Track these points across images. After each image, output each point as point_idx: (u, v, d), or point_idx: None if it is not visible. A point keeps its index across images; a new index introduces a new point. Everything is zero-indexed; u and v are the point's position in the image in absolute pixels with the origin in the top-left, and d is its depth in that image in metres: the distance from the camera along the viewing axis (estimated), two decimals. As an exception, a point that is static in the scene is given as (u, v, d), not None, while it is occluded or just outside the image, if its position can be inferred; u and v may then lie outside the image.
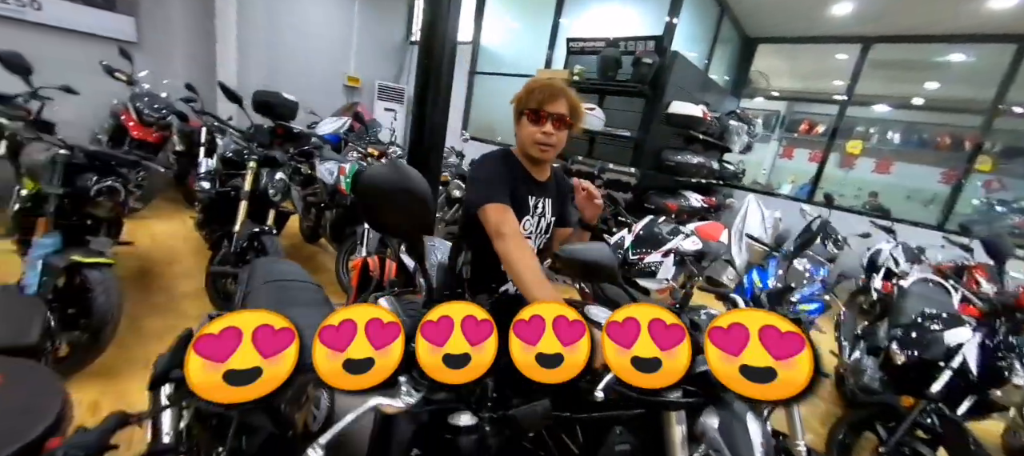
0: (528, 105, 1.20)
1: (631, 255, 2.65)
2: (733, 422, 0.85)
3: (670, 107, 4.21)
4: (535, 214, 1.30)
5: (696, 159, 4.38)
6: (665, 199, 4.34)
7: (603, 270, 0.71)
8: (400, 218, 0.47)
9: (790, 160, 10.52)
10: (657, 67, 4.04)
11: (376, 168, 0.47)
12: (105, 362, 1.83)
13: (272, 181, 2.60)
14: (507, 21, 6.18)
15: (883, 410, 1.99)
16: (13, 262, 1.98)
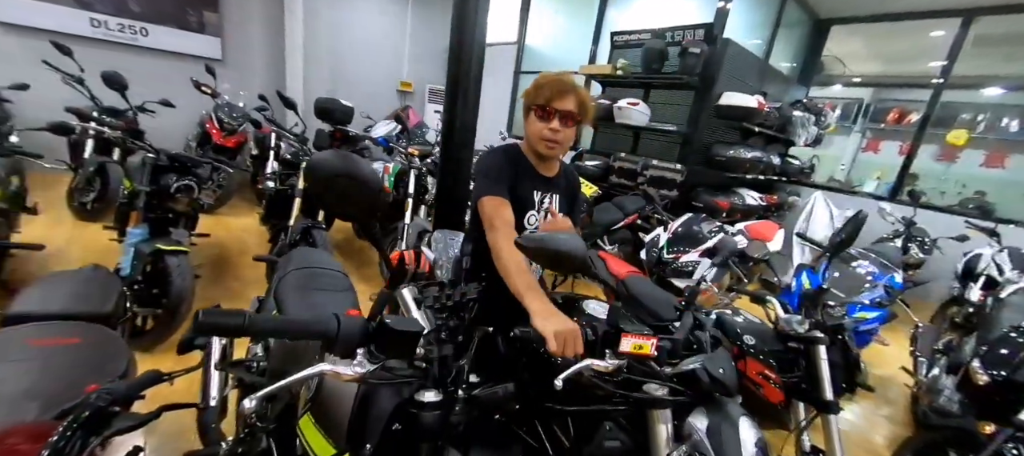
0: (536, 101, 1.20)
1: (666, 254, 2.54)
2: (722, 425, 0.81)
3: (721, 99, 3.95)
4: (541, 210, 1.31)
5: (750, 153, 4.06)
6: (715, 197, 4.07)
7: (571, 260, 0.71)
8: (344, 201, 0.52)
9: (876, 154, 9.34)
10: (706, 56, 3.81)
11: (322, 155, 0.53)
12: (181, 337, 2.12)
13: (322, 180, 2.84)
14: (552, 19, 6.15)
15: (958, 436, 1.74)
16: (116, 249, 2.36)
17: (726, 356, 0.89)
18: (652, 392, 0.85)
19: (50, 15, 4.39)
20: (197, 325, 0.48)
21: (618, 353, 0.78)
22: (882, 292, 2.06)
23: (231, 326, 0.49)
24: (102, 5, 4.66)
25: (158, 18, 4.99)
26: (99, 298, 1.20)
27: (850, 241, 1.40)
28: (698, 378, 0.84)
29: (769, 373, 1.45)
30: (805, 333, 1.45)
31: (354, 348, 0.60)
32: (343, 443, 0.77)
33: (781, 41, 5.24)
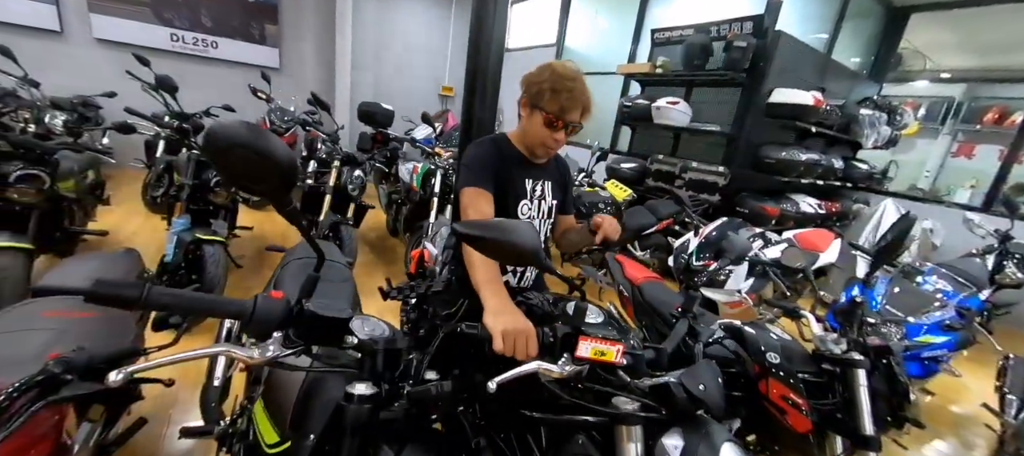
0: (548, 107, 1.10)
1: (695, 261, 2.35)
2: (700, 448, 0.70)
3: (772, 96, 3.63)
4: (534, 198, 1.24)
5: (805, 156, 3.69)
6: (764, 202, 3.74)
7: (517, 251, 0.63)
8: (244, 175, 0.49)
9: (969, 159, 8.16)
10: (754, 51, 3.52)
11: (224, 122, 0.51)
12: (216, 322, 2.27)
13: (351, 178, 2.95)
14: (591, 19, 6.02)
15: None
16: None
17: (711, 371, 0.77)
18: (621, 406, 0.76)
19: (138, 32, 4.98)
20: (87, 295, 0.48)
21: (576, 358, 0.70)
22: (953, 313, 1.75)
23: (125, 298, 0.49)
24: (180, 22, 5.21)
25: (227, 32, 5.50)
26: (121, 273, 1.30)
27: (897, 247, 1.19)
28: (673, 394, 0.74)
29: (795, 398, 1.27)
30: (841, 355, 1.26)
31: (271, 331, 0.58)
32: (288, 431, 0.75)
33: (847, 34, 4.74)
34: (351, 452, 0.64)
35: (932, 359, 1.70)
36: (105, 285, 0.49)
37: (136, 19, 4.96)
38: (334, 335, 0.62)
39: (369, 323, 0.74)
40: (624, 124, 4.98)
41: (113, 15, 4.85)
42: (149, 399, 1.75)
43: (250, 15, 5.60)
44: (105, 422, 1.16)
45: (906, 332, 1.72)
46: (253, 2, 5.55)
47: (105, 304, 0.49)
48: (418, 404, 0.68)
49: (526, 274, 1.31)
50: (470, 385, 0.69)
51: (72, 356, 0.71)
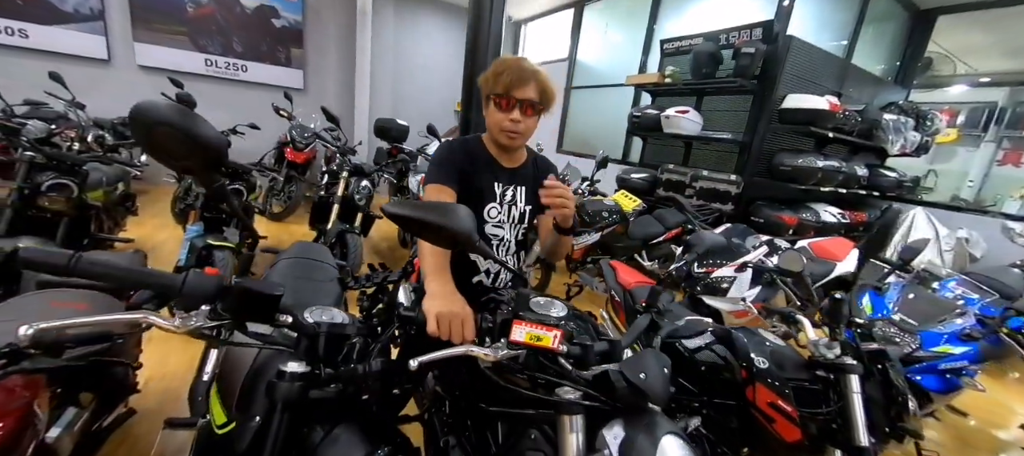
0: (495, 90, 1.12)
1: (696, 268, 2.28)
2: (639, 438, 0.67)
3: (784, 102, 3.53)
4: (503, 203, 1.24)
5: (822, 162, 3.54)
6: (780, 212, 3.60)
7: (449, 233, 0.64)
8: (170, 153, 0.53)
9: (1018, 167, 7.62)
10: (765, 57, 3.45)
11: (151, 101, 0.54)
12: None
13: (358, 188, 3.05)
14: (602, 33, 6.06)
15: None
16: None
17: (657, 360, 0.74)
18: (563, 395, 0.74)
19: (176, 58, 5.38)
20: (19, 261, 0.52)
21: (510, 342, 0.69)
22: (974, 322, 1.61)
23: (53, 264, 0.52)
24: (214, 48, 5.60)
25: (256, 56, 5.86)
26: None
27: (882, 240, 1.12)
28: (612, 382, 0.71)
29: (783, 404, 1.20)
30: (834, 360, 1.19)
31: (199, 305, 0.60)
32: (234, 411, 0.77)
33: (868, 39, 4.57)
34: (280, 428, 0.65)
35: (953, 372, 1.56)
36: (34, 252, 0.52)
37: (175, 47, 5.37)
38: (265, 311, 0.64)
39: (328, 312, 0.76)
40: (635, 135, 4.94)
41: (155, 43, 5.27)
42: (148, 395, 1.84)
43: (277, 40, 5.95)
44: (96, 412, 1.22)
45: (921, 342, 1.60)
46: (280, 27, 5.90)
47: (36, 270, 0.53)
48: (349, 384, 0.69)
49: (501, 275, 1.31)
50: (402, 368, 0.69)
51: (40, 333, 0.76)
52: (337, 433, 0.69)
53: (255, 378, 0.76)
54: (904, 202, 4.62)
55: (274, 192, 4.56)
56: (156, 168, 4.23)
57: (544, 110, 1.16)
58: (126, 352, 1.31)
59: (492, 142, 1.23)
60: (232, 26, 5.63)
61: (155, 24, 5.21)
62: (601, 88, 5.90)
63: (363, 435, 0.70)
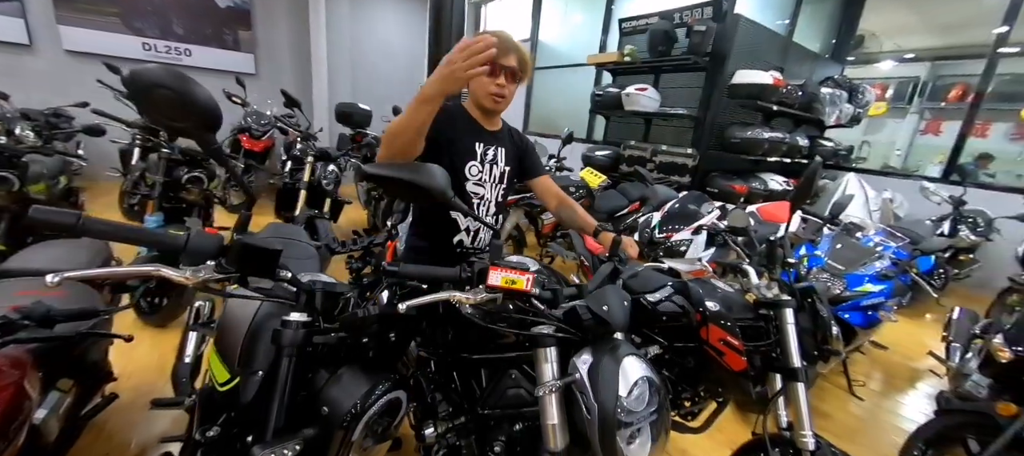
0: None
1: (657, 234, 2.45)
2: (604, 360, 0.78)
3: (734, 78, 3.76)
4: (485, 162, 1.32)
5: (769, 134, 3.82)
6: (732, 181, 3.87)
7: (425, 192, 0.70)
8: (168, 114, 0.56)
9: (937, 136, 8.45)
10: (715, 35, 3.65)
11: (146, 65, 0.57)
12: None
13: (325, 173, 3.01)
14: (563, 13, 6.13)
15: (977, 420, 1.54)
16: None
17: (617, 293, 0.85)
18: (538, 331, 0.84)
19: (108, 42, 4.97)
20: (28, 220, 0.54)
21: (487, 286, 0.78)
22: (889, 263, 1.87)
23: (62, 223, 0.55)
24: (151, 31, 5.21)
25: (199, 39, 5.50)
26: (85, 260, 1.35)
27: (807, 190, 1.30)
28: (580, 315, 0.82)
29: (731, 339, 1.36)
30: (772, 298, 1.36)
31: (204, 260, 0.65)
32: (236, 368, 0.82)
33: (808, 17, 4.91)
34: (288, 371, 0.71)
35: (873, 307, 1.81)
36: (43, 211, 0.55)
37: (106, 30, 4.95)
38: (266, 266, 0.69)
39: (318, 277, 0.81)
40: (597, 113, 5.09)
41: (82, 26, 4.83)
42: (127, 381, 1.81)
43: (223, 22, 5.60)
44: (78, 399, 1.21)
45: (847, 283, 1.84)
46: (225, 9, 5.56)
47: (43, 228, 0.55)
48: (350, 330, 0.75)
49: (480, 235, 1.39)
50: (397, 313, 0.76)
51: (31, 307, 0.77)
52: (341, 373, 0.76)
53: (255, 335, 0.81)
54: (840, 169, 5.07)
55: (232, 183, 4.37)
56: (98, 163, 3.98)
57: (522, 79, 1.27)
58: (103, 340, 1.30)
59: (475, 106, 1.31)
60: (170, 7, 5.25)
61: (81, 5, 4.77)
62: (564, 68, 6.00)
63: (366, 374, 0.77)
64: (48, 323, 0.80)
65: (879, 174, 4.97)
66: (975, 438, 1.54)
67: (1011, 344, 1.56)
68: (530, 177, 1.47)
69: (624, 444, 0.73)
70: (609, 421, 0.72)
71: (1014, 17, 4.18)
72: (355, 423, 0.72)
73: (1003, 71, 4.91)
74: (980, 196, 3.85)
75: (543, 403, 0.80)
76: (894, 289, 1.80)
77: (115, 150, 4.07)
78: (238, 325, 0.83)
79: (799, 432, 1.24)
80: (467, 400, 1.03)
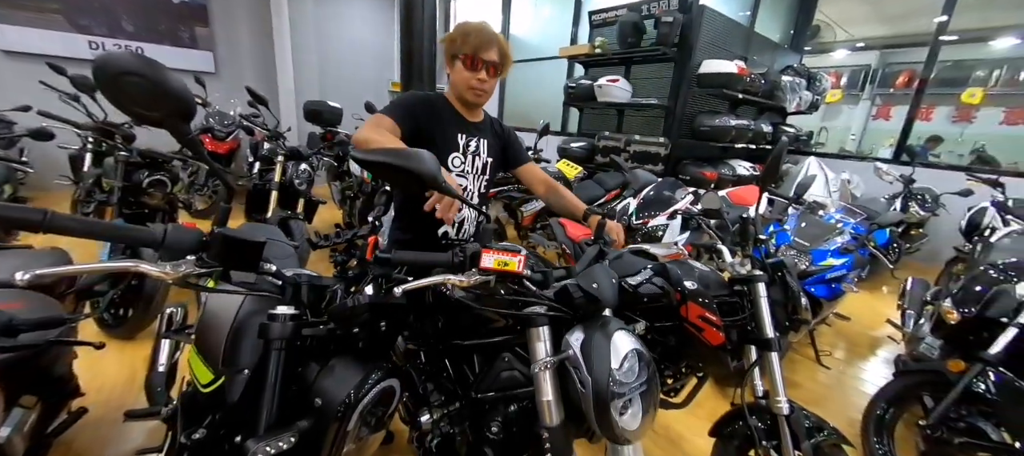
0: (463, 50, 1.20)
1: (635, 220, 2.51)
2: (595, 337, 0.81)
3: (701, 67, 3.88)
4: (467, 153, 1.32)
5: (735, 122, 3.97)
6: (702, 168, 4.00)
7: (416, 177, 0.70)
8: (139, 102, 0.54)
9: (887, 121, 9.00)
10: (682, 26, 3.75)
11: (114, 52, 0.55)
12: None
13: (297, 172, 2.92)
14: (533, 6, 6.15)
15: (931, 379, 1.67)
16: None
17: (605, 272, 0.88)
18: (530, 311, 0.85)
19: (51, 42, 4.63)
20: None
21: (481, 269, 0.79)
22: (849, 238, 1.99)
23: (28, 220, 0.52)
24: (99, 29, 4.88)
25: (152, 37, 5.20)
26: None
27: (775, 168, 1.36)
28: (571, 294, 0.84)
29: (709, 315, 1.42)
30: (746, 274, 1.43)
31: (184, 254, 0.62)
32: (220, 367, 0.79)
33: (768, 8, 5.11)
34: (278, 365, 0.70)
35: (836, 280, 1.92)
36: (7, 208, 0.52)
37: (48, 27, 4.61)
38: (249, 260, 0.67)
39: (303, 272, 0.80)
40: (572, 105, 5.14)
41: (21, 24, 4.48)
42: (98, 393, 1.71)
43: (177, 18, 5.32)
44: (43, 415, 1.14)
45: (812, 258, 1.94)
46: (178, 4, 5.28)
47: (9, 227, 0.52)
48: (339, 321, 0.74)
49: (465, 226, 1.39)
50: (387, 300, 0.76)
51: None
52: (332, 365, 0.75)
53: (239, 332, 0.78)
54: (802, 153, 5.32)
55: (196, 187, 4.18)
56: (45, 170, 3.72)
57: (502, 73, 1.27)
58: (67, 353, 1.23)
59: (457, 99, 1.30)
60: (119, 3, 4.93)
61: (20, 1, 4.43)
62: (536, 62, 6.02)
63: (357, 364, 0.76)
64: (11, 332, 0.75)
65: (837, 157, 5.25)
66: (930, 395, 1.67)
67: (958, 306, 1.69)
68: (515, 166, 1.48)
69: (617, 415, 0.76)
70: (603, 393, 0.74)
71: (952, 7, 4.49)
72: (350, 413, 0.72)
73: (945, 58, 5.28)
74: (927, 175, 4.13)
75: (538, 380, 0.81)
76: (854, 262, 1.92)
77: (64, 156, 3.82)
78: (220, 324, 0.81)
79: (774, 399, 1.30)
80: (461, 387, 1.03)
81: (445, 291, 0.92)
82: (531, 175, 1.49)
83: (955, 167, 4.33)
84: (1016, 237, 2.25)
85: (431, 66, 2.32)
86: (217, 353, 0.79)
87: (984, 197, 3.52)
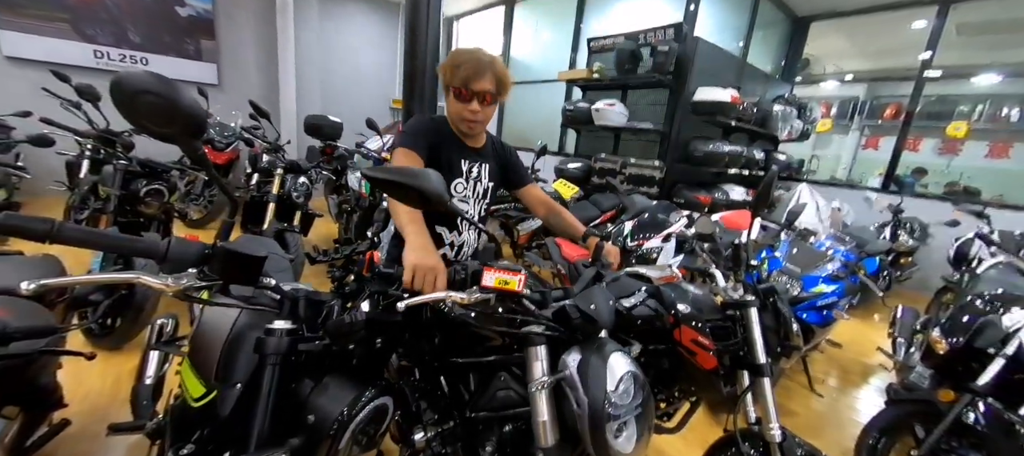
0: (453, 82, 1.19)
1: (629, 242, 2.54)
2: (592, 358, 0.81)
3: (696, 95, 3.99)
4: (469, 179, 1.33)
5: (728, 148, 4.06)
6: (697, 192, 4.07)
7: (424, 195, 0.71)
8: (154, 119, 0.55)
9: (876, 151, 9.21)
10: (677, 54, 3.86)
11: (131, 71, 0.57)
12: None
13: (295, 185, 2.93)
14: (533, 31, 6.32)
15: (922, 409, 1.68)
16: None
17: (603, 294, 0.89)
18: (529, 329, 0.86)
19: (56, 49, 4.67)
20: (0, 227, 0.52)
21: (482, 287, 0.80)
22: (839, 265, 2.02)
23: (35, 231, 0.53)
24: (104, 38, 4.95)
25: (157, 48, 5.27)
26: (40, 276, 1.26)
27: (764, 200, 1.40)
28: (569, 314, 0.85)
29: (702, 339, 1.43)
30: (738, 298, 1.44)
31: (185, 268, 0.63)
32: (213, 381, 0.79)
33: (760, 41, 5.29)
34: (272, 381, 0.69)
35: (827, 307, 1.95)
36: (15, 218, 0.52)
37: (54, 36, 4.66)
38: (250, 274, 0.67)
39: (301, 286, 0.80)
40: (569, 127, 5.24)
41: (27, 31, 4.53)
42: (82, 404, 1.67)
43: (183, 31, 5.40)
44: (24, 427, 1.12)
45: (803, 284, 1.97)
46: (186, 17, 5.37)
47: (15, 236, 0.53)
48: (336, 337, 0.75)
49: (463, 249, 1.40)
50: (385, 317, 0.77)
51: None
52: (326, 381, 0.75)
53: (234, 345, 0.78)
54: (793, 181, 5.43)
55: (192, 196, 4.17)
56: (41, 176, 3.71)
57: (500, 98, 1.25)
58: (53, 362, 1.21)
59: (455, 128, 1.32)
60: (126, 14, 5.01)
61: (28, 9, 4.48)
62: (535, 84, 6.15)
63: (351, 381, 0.76)
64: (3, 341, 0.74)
65: (828, 185, 5.35)
66: (921, 425, 1.67)
67: (946, 336, 1.71)
68: (517, 187, 1.48)
69: (612, 437, 0.76)
70: (599, 414, 0.74)
71: (935, 44, 4.67)
72: (343, 430, 0.71)
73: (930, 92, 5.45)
74: (915, 205, 4.22)
75: (534, 400, 0.81)
76: (845, 289, 1.95)
77: (60, 162, 3.80)
78: (215, 336, 0.81)
79: (767, 426, 1.30)
80: (455, 405, 1.03)
81: (443, 308, 0.93)
82: (532, 197, 1.49)
83: (942, 197, 4.43)
84: (1002, 268, 2.29)
85: (433, 87, 2.37)
86: (211, 366, 0.78)
87: (970, 227, 3.59)
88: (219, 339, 0.80)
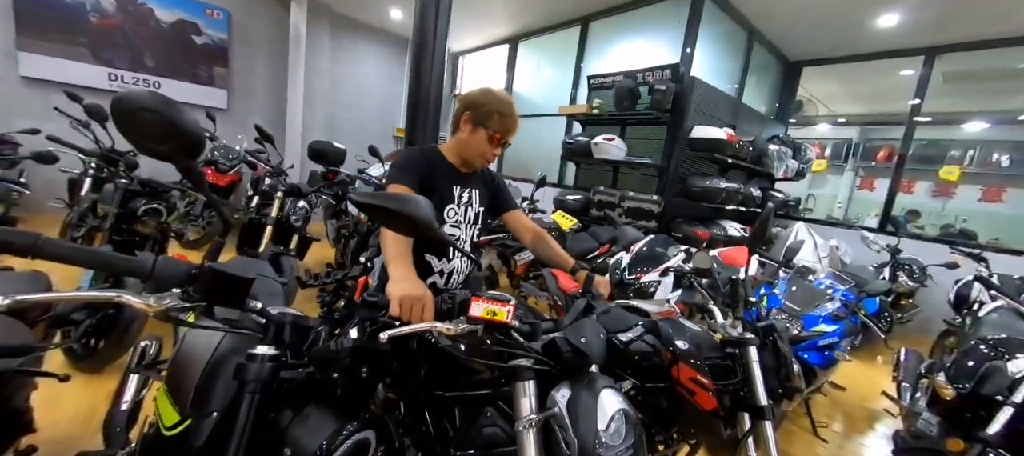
0: (492, 126, 1.27)
1: (627, 276, 2.52)
2: (583, 395, 0.78)
3: (692, 132, 4.07)
4: (461, 204, 1.35)
5: (725, 184, 4.10)
6: (695, 227, 4.08)
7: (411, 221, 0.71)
8: (153, 138, 0.56)
9: (871, 192, 9.33)
10: (674, 93, 3.97)
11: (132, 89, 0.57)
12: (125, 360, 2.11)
13: (294, 208, 2.94)
14: (536, 68, 6.53)
15: (931, 458, 1.61)
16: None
17: (594, 327, 0.87)
18: (516, 363, 0.83)
19: (72, 70, 4.81)
20: None
21: (469, 318, 0.78)
22: (839, 305, 2.00)
23: (20, 244, 0.52)
24: (120, 62, 5.10)
25: (170, 73, 5.42)
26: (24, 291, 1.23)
27: (761, 236, 1.39)
28: (559, 347, 0.83)
29: (701, 379, 1.39)
30: (737, 336, 1.42)
31: (171, 288, 0.61)
32: (188, 409, 0.76)
33: (754, 84, 5.45)
34: (250, 410, 0.66)
35: (828, 347, 1.91)
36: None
37: (70, 58, 4.80)
38: (236, 296, 0.66)
39: (288, 311, 0.79)
40: (569, 160, 5.31)
41: (44, 53, 4.67)
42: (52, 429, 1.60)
43: (199, 58, 5.58)
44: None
45: (804, 324, 1.94)
46: (202, 45, 5.55)
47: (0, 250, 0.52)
48: (320, 364, 0.72)
49: (453, 277, 1.38)
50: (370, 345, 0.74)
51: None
52: (307, 412, 0.71)
53: (214, 371, 0.75)
54: (790, 218, 5.45)
55: (191, 218, 4.17)
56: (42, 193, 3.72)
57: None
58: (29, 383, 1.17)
59: (456, 155, 1.34)
60: (143, 40, 5.19)
61: (50, 33, 4.64)
62: (537, 117, 6.29)
63: (333, 412, 0.73)
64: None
65: (825, 223, 5.38)
66: (930, 476, 1.60)
67: (952, 382, 1.67)
68: (502, 212, 1.51)
69: (602, 481, 0.72)
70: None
71: (924, 91, 4.81)
72: (320, 465, 0.68)
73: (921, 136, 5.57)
74: (913, 246, 4.23)
75: (521, 439, 0.78)
76: (846, 329, 1.92)
77: (63, 180, 3.83)
78: (196, 361, 0.78)
79: (769, 470, 1.25)
80: (439, 442, 0.98)
81: (430, 338, 0.91)
82: (517, 222, 1.50)
83: (939, 240, 4.45)
84: (1003, 312, 2.27)
85: (436, 118, 2.42)
86: (187, 393, 0.75)
87: (969, 270, 3.58)
88: (199, 364, 0.77)
